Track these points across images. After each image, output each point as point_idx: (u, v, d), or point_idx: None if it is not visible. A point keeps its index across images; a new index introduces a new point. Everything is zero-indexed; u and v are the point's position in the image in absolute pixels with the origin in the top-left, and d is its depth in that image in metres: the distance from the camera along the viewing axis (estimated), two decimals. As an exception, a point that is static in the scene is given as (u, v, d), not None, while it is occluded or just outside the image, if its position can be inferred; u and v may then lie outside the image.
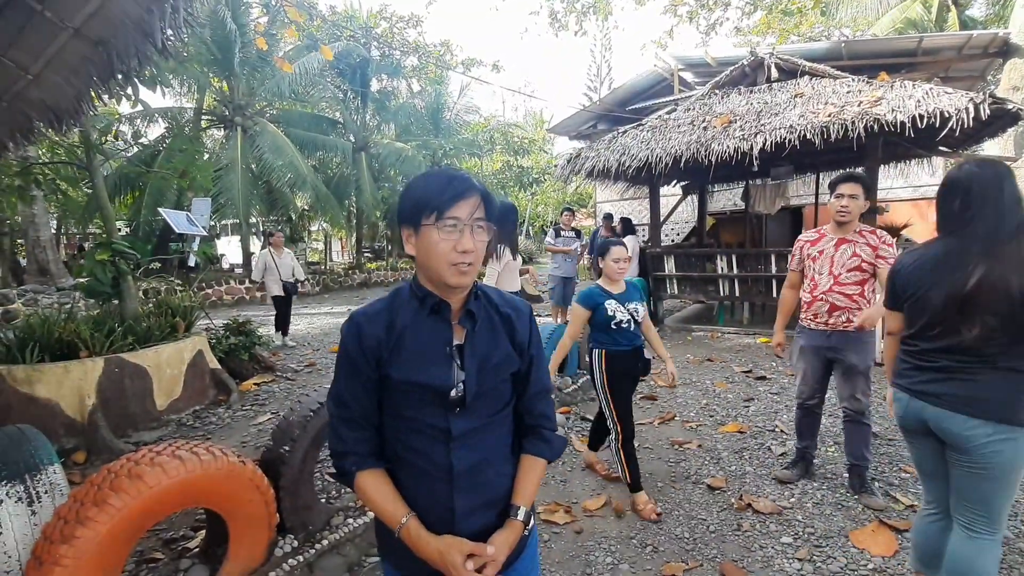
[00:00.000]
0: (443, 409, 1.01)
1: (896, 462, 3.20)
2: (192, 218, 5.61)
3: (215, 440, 3.70)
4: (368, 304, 1.07)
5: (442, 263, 0.97)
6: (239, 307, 11.53)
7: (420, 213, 0.98)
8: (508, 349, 1.07)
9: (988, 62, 8.93)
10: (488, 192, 1.01)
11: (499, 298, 1.12)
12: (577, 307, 2.77)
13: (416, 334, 1.01)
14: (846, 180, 2.68)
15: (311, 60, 13.29)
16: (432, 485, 1.02)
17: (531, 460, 1.11)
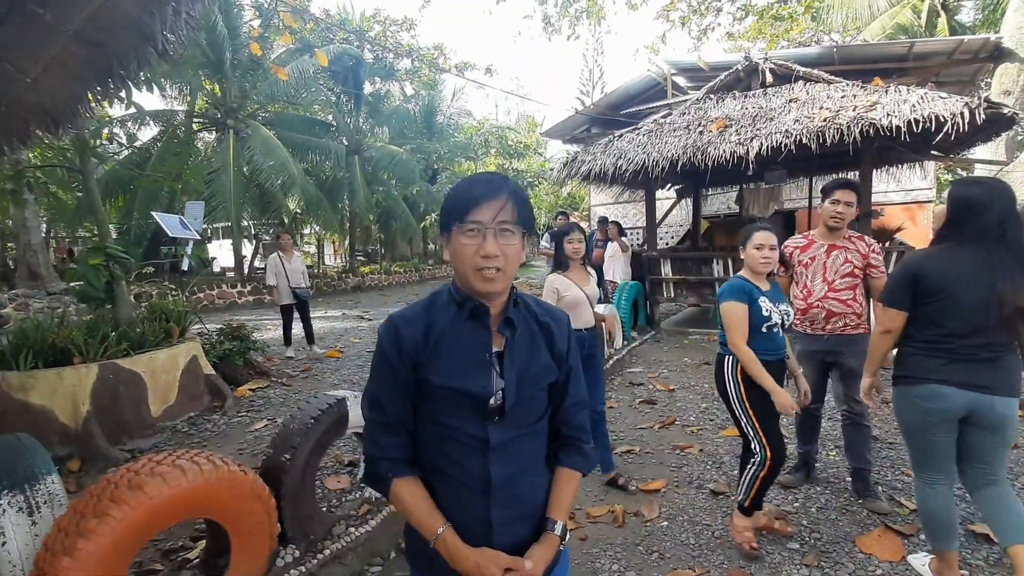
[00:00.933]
0: (481, 417, 0.98)
1: (898, 466, 3.20)
2: (185, 221, 5.54)
3: (211, 447, 3.64)
4: (406, 307, 1.06)
5: (467, 268, 0.95)
6: (231, 311, 11.41)
7: (450, 218, 0.97)
8: (547, 359, 1.05)
9: (979, 67, 9.06)
10: (520, 193, 0.98)
11: (537, 307, 1.10)
12: (733, 304, 2.30)
13: (455, 339, 0.99)
14: (841, 187, 2.68)
15: (304, 63, 13.23)
16: (468, 496, 1.00)
17: (567, 473, 1.09)
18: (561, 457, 1.10)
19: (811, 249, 2.79)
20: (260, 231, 16.26)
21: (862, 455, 2.78)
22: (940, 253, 1.91)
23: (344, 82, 16.11)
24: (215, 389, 4.46)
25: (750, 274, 2.40)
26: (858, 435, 2.77)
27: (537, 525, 1.05)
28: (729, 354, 2.38)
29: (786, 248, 2.87)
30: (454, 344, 0.99)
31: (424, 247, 23.26)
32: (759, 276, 2.39)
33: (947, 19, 14.92)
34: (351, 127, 16.96)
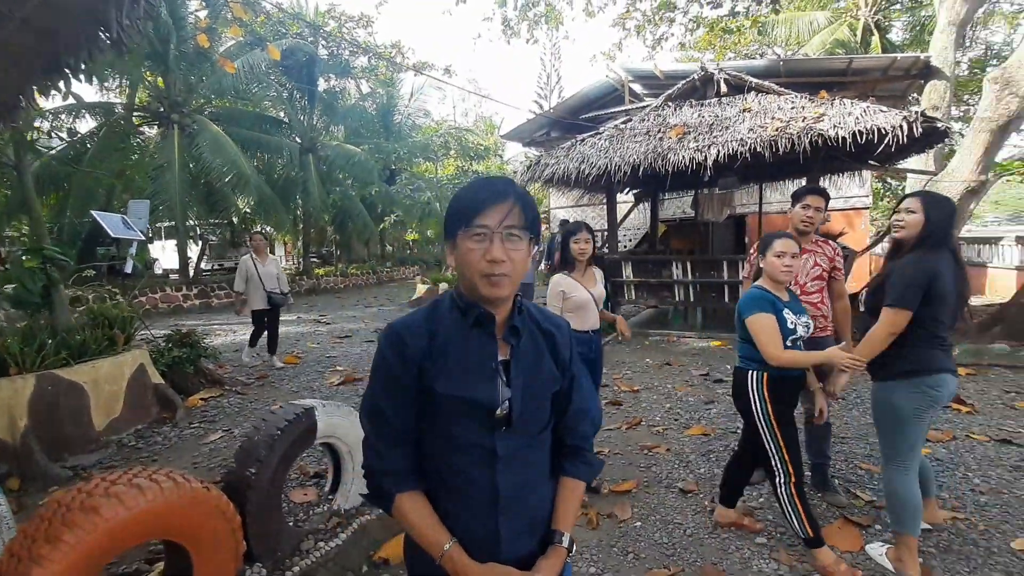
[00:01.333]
0: (488, 427, 0.96)
1: (851, 460, 3.37)
2: (129, 221, 5.19)
3: (162, 462, 3.42)
4: (406, 315, 1.02)
5: (473, 273, 0.93)
6: (177, 316, 10.83)
7: (455, 223, 0.94)
8: (551, 367, 1.03)
9: (910, 83, 9.73)
10: (527, 198, 0.96)
11: (540, 314, 1.08)
12: (761, 316, 2.20)
13: (459, 347, 0.96)
14: (812, 192, 2.78)
15: (255, 57, 12.72)
16: (475, 509, 0.97)
17: (572, 483, 1.08)
18: (566, 467, 1.08)
19: None
20: (207, 232, 15.48)
21: (822, 451, 2.91)
22: (937, 257, 2.09)
23: (297, 78, 15.59)
24: (164, 399, 4.19)
25: (769, 284, 2.31)
26: (820, 432, 2.88)
27: (544, 537, 1.03)
28: (753, 369, 2.28)
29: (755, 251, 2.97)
30: (459, 352, 0.96)
31: (382, 249, 22.81)
32: (779, 286, 2.31)
33: (879, 37, 16.00)
34: (305, 124, 16.45)
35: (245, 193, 12.57)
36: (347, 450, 2.70)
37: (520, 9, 18.00)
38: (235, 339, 8.08)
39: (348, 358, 6.67)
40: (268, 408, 4.43)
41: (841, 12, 16.81)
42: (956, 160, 7.50)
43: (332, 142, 17.33)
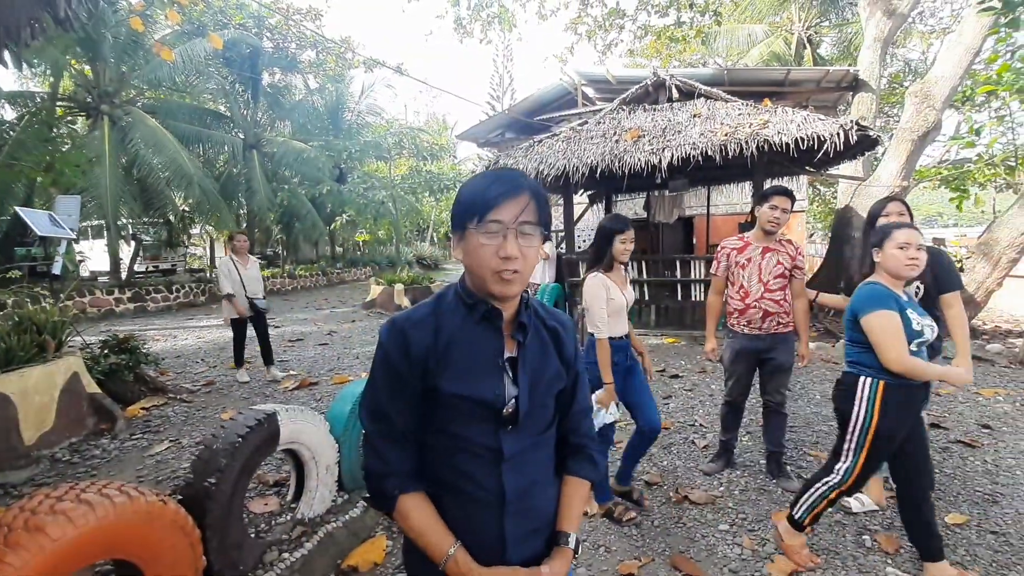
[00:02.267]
0: (494, 427, 0.93)
1: (800, 447, 3.56)
2: (57, 219, 4.79)
3: (102, 476, 3.17)
4: (410, 309, 0.98)
5: (484, 270, 0.90)
6: (108, 320, 10.09)
7: (465, 216, 0.90)
8: (557, 364, 1.02)
9: (840, 95, 10.42)
10: (540, 193, 0.94)
11: (544, 311, 1.06)
12: (885, 314, 1.93)
13: (465, 343, 0.93)
14: (779, 193, 2.83)
15: (194, 47, 12.07)
16: (480, 510, 0.94)
17: (577, 482, 1.06)
18: (570, 465, 1.07)
19: (747, 251, 2.92)
20: (140, 231, 14.50)
21: (778, 440, 3.06)
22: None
23: (240, 71, 14.92)
24: (101, 410, 3.89)
25: (888, 279, 2.03)
26: (779, 422, 3.03)
27: (549, 538, 1.02)
28: (868, 375, 2.01)
29: (722, 249, 3.01)
30: (465, 349, 0.93)
31: (332, 249, 22.14)
32: (898, 282, 2.03)
33: (811, 51, 17.09)
34: (249, 119, 15.77)
35: (183, 190, 11.89)
36: (311, 456, 2.60)
37: (473, 9, 17.98)
38: (176, 344, 7.62)
39: (301, 362, 6.43)
40: (218, 416, 4.23)
41: (777, 26, 17.81)
42: (882, 167, 8.09)
43: (278, 138, 16.68)
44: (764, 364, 2.99)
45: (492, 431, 0.93)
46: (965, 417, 4.02)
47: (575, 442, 1.08)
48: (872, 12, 8.62)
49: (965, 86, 6.85)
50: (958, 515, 2.64)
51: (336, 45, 18.75)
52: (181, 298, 12.43)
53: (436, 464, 0.96)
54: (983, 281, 6.18)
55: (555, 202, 12.39)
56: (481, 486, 0.94)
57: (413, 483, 0.94)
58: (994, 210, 6.78)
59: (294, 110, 17.45)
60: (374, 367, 0.96)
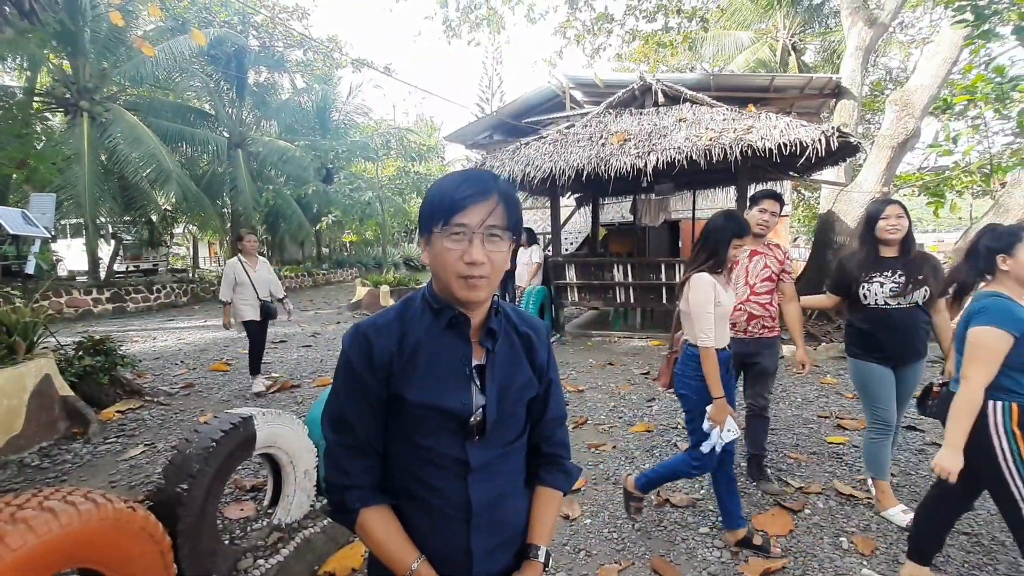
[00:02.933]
0: (460, 437, 0.90)
1: (780, 449, 3.59)
2: (31, 216, 4.68)
3: (73, 482, 3.09)
4: (375, 314, 0.95)
5: (449, 274, 0.87)
6: (85, 321, 9.89)
7: (431, 219, 0.87)
8: (528, 372, 0.99)
9: (823, 101, 10.57)
10: (511, 196, 0.90)
11: (517, 316, 1.03)
12: (994, 333, 1.71)
13: (431, 350, 0.90)
14: (768, 196, 2.86)
15: (178, 44, 11.88)
16: (446, 524, 0.91)
17: (549, 493, 1.03)
18: (542, 475, 1.04)
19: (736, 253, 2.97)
20: (121, 230, 14.23)
21: (760, 443, 3.08)
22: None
23: (226, 69, 14.73)
24: (74, 413, 3.80)
25: (1015, 289, 1.80)
26: (762, 426, 3.05)
27: (519, 551, 0.99)
28: (998, 399, 1.76)
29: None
30: (431, 356, 0.90)
31: (318, 250, 21.94)
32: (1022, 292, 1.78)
33: (796, 58, 17.36)
34: (234, 118, 15.57)
35: (166, 189, 11.69)
36: (288, 460, 2.56)
37: (462, 11, 17.97)
38: (155, 345, 7.49)
39: (284, 364, 6.35)
40: (196, 419, 4.15)
41: (763, 33, 18.07)
42: (863, 173, 8.22)
43: (264, 137, 16.49)
44: (748, 368, 3.00)
45: (459, 441, 0.91)
46: (941, 420, 4.08)
47: (548, 451, 1.05)
48: (854, 21, 8.76)
49: (943, 95, 6.99)
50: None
51: (323, 45, 18.62)
52: (162, 299, 12.23)
53: (400, 475, 0.93)
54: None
55: (542, 205, 12.42)
56: (447, 498, 0.91)
57: (376, 496, 0.92)
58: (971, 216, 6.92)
59: (281, 109, 17.28)
60: (336, 375, 0.93)
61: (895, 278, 2.56)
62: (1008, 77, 4.52)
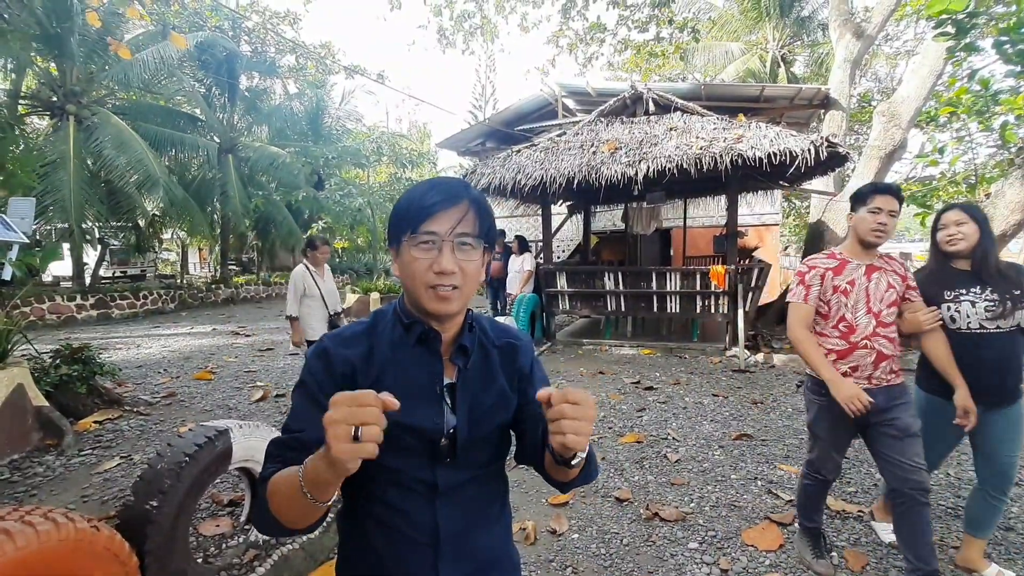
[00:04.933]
0: (429, 459, 0.85)
1: (771, 461, 3.55)
2: (8, 221, 4.56)
3: (44, 496, 2.99)
4: (343, 327, 0.91)
5: (418, 285, 0.83)
6: (68, 328, 9.71)
7: (400, 229, 0.84)
8: (503, 387, 0.93)
9: (812, 112, 10.68)
10: (482, 202, 0.87)
11: (495, 330, 0.98)
12: None
13: (400, 367, 0.86)
14: (882, 192, 2.08)
15: (166, 48, 11.78)
16: (412, 550, 0.85)
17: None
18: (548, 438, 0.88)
19: (846, 270, 2.12)
20: (107, 235, 14.03)
21: (926, 551, 1.98)
22: None
23: (216, 73, 14.64)
24: (48, 424, 3.68)
25: None
26: (919, 517, 1.99)
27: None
28: None
29: (812, 269, 2.18)
30: (399, 373, 0.85)
31: (308, 256, 21.77)
32: None
33: (785, 69, 17.57)
34: (224, 123, 15.46)
35: (153, 194, 11.55)
36: (267, 474, 2.48)
37: (456, 20, 18.03)
38: (139, 353, 7.35)
39: (270, 372, 6.25)
40: (174, 430, 4.04)
41: (753, 44, 18.29)
42: (852, 183, 8.29)
43: (255, 143, 16.39)
44: (878, 430, 2.08)
45: (427, 463, 0.85)
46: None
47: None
48: (842, 34, 8.87)
49: (929, 107, 7.07)
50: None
51: (315, 51, 18.59)
52: (148, 305, 12.06)
53: (364, 498, 0.87)
54: (947, 296, 6.32)
55: (533, 212, 12.40)
56: (413, 523, 0.85)
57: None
58: (957, 226, 6.95)
59: (272, 115, 17.18)
60: (294, 392, 0.87)
61: (988, 295, 2.07)
62: (992, 91, 4.56)
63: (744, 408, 4.69)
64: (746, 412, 4.58)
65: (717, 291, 6.76)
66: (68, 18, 9.60)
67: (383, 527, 0.86)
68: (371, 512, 0.87)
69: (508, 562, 0.99)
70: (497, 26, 18.37)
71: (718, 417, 4.46)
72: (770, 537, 2.63)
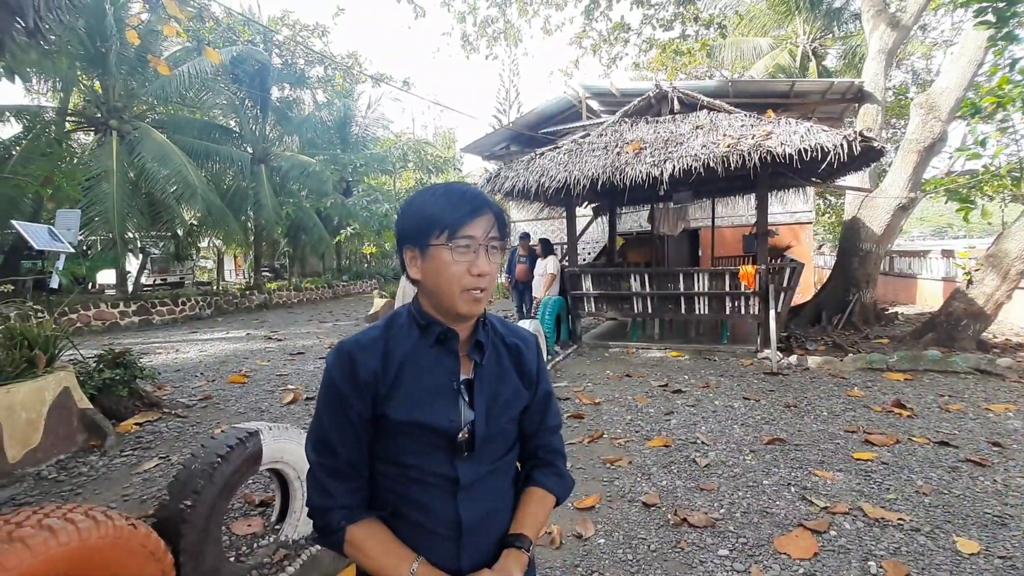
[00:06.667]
0: (449, 454, 0.88)
1: (805, 466, 3.44)
2: (56, 232, 4.81)
3: (87, 495, 3.12)
4: (359, 332, 0.93)
5: (454, 288, 0.86)
6: (112, 334, 10.13)
7: (428, 231, 0.85)
8: (517, 384, 0.97)
9: (845, 106, 10.35)
10: (500, 209, 0.92)
11: (504, 328, 1.01)
12: None
13: (418, 367, 0.89)
14: None
15: (203, 63, 12.25)
16: (435, 543, 0.89)
17: (541, 493, 0.99)
18: (536, 476, 1.00)
19: None
20: (148, 244, 14.66)
21: None
22: None
23: (249, 86, 15.14)
24: (92, 426, 3.85)
25: None
26: None
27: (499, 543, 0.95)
28: None
29: None
30: (417, 373, 0.88)
31: (338, 262, 22.24)
32: None
33: (816, 63, 17.07)
34: (257, 134, 15.95)
35: (191, 204, 12.00)
36: (296, 475, 2.53)
37: (479, 25, 18.18)
38: (177, 357, 7.61)
39: (301, 376, 6.39)
40: (209, 432, 4.17)
41: (782, 39, 17.84)
42: (889, 178, 7.99)
43: (286, 152, 16.86)
44: None
45: (447, 459, 0.89)
46: (975, 434, 3.89)
47: (544, 457, 1.02)
48: (876, 25, 8.57)
49: (969, 97, 6.77)
50: (967, 541, 2.51)
51: (343, 61, 19.00)
52: (187, 311, 12.49)
53: (387, 495, 0.91)
54: (992, 293, 6.04)
55: (558, 215, 12.37)
56: (436, 517, 0.89)
57: (363, 513, 0.89)
58: (1003, 222, 6.65)
59: (302, 125, 17.66)
60: (319, 396, 0.91)
61: None
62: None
63: (777, 412, 4.56)
64: (779, 416, 4.45)
65: (747, 292, 6.60)
66: (108, 37, 10.06)
67: (405, 523, 0.89)
68: (395, 508, 0.90)
69: None
70: (520, 30, 18.42)
71: (749, 421, 4.35)
72: (804, 545, 2.54)
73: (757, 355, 6.59)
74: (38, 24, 1.48)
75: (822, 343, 6.94)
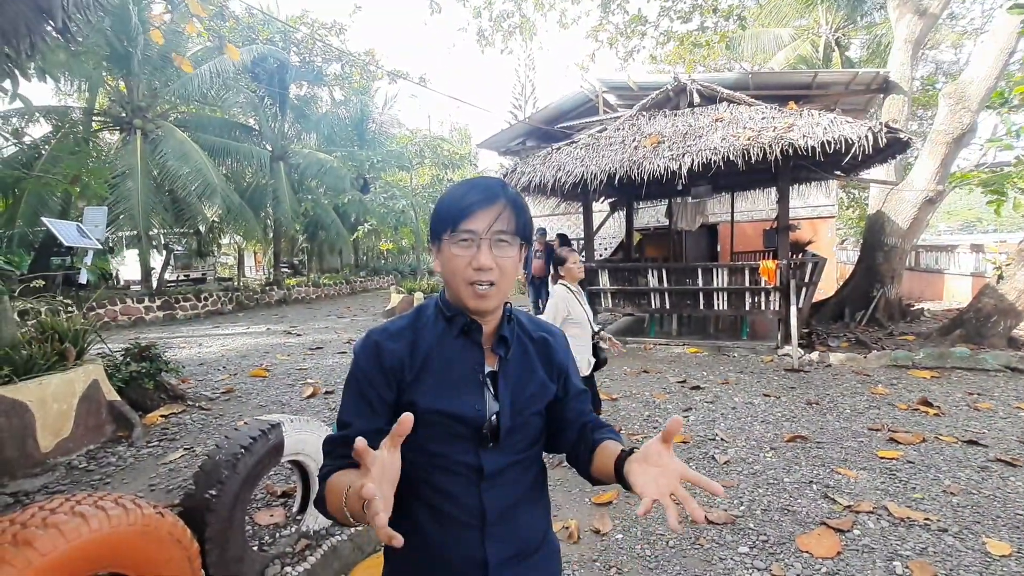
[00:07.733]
0: (474, 444, 0.89)
1: (828, 464, 3.38)
2: (84, 229, 4.93)
3: (115, 484, 3.21)
4: (386, 322, 0.96)
5: (458, 281, 0.88)
6: (137, 328, 10.37)
7: (441, 226, 0.89)
8: (543, 378, 0.97)
9: (870, 97, 10.09)
10: (518, 200, 0.91)
11: (531, 323, 1.03)
12: None
13: (444, 357, 0.90)
14: None
15: (223, 62, 12.43)
16: (460, 532, 0.90)
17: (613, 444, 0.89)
18: (597, 436, 0.93)
19: None
20: (171, 241, 14.97)
21: None
22: None
23: (268, 84, 15.33)
24: (120, 417, 3.95)
25: None
26: None
27: (538, 565, 0.96)
28: None
29: None
30: (444, 363, 0.90)
31: (355, 258, 22.45)
32: None
33: (839, 54, 16.67)
34: (276, 132, 16.15)
35: (212, 201, 12.22)
36: (316, 467, 2.57)
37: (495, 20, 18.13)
38: (200, 351, 7.77)
39: (320, 370, 6.47)
40: (232, 424, 4.25)
41: (804, 29, 17.44)
42: (915, 171, 7.78)
43: (304, 150, 17.04)
44: None
45: (472, 448, 0.89)
46: (1006, 433, 3.78)
47: (596, 423, 0.98)
48: (902, 13, 8.33)
49: (1000, 87, 6.55)
50: (998, 542, 2.45)
51: (360, 58, 19.12)
52: (209, 306, 12.73)
53: (412, 483, 0.91)
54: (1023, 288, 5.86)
55: (575, 210, 12.31)
56: (461, 505, 0.89)
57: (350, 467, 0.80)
58: (1036, 215, 6.43)
59: (320, 122, 17.83)
60: (346, 383, 0.93)
61: None
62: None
63: (798, 409, 4.49)
64: (800, 413, 4.38)
65: (767, 287, 6.50)
66: (133, 37, 10.26)
67: (431, 509, 0.90)
68: (419, 495, 0.91)
69: (549, 546, 1.01)
70: (536, 24, 18.33)
71: (770, 418, 4.29)
72: (827, 544, 2.50)
73: (777, 352, 6.49)
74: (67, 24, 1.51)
75: (845, 340, 6.80)
